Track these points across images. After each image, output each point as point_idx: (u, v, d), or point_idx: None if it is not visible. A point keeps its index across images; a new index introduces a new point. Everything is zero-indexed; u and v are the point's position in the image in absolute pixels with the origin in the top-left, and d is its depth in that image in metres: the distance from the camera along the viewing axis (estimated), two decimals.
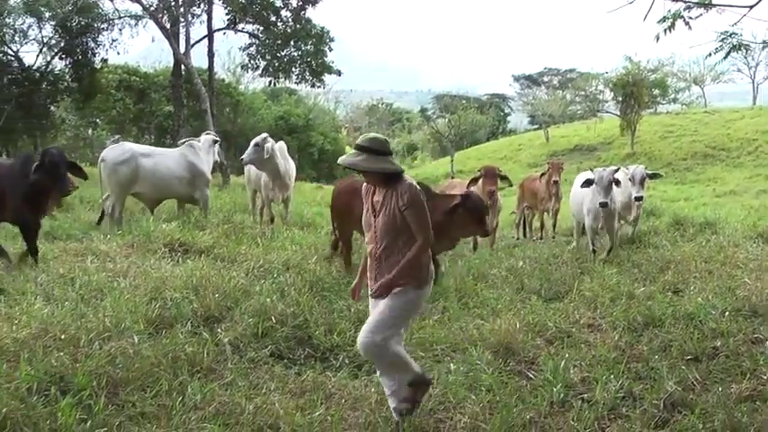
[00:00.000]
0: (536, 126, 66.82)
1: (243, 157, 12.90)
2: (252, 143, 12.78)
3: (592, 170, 11.20)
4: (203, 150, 13.77)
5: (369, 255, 5.26)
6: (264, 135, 12.91)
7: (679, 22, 6.77)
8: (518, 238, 16.25)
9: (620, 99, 46.83)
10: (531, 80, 71.63)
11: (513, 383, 5.93)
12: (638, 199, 11.57)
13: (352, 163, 5.03)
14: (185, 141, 14.24)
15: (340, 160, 5.28)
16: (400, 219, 4.99)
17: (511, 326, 7.05)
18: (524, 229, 16.63)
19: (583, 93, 58.87)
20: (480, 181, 11.61)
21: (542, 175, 15.20)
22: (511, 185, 12.59)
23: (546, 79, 71.88)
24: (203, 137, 14.25)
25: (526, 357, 6.65)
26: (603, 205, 10.73)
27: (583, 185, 11.27)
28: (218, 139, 14.52)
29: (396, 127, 76.85)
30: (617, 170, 11.01)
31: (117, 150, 12.92)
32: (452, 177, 35.53)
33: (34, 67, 32.34)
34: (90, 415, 4.97)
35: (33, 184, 9.11)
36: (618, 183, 10.99)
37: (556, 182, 14.41)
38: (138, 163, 12.65)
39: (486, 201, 11.45)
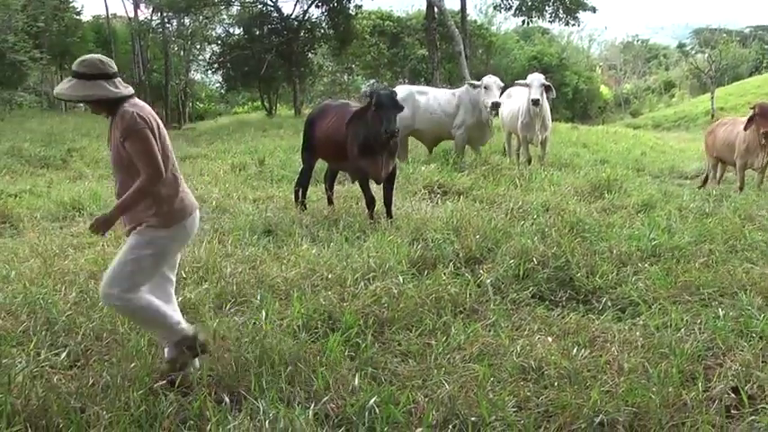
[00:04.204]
0: None
1: (533, 97, 12.97)
2: (540, 80, 13.18)
3: None
4: (479, 92, 13.71)
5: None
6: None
7: None
8: None
9: None
10: None
11: None
12: None
13: (58, 93, 4.42)
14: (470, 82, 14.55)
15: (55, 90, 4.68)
16: (124, 152, 4.35)
17: None
18: None
19: None
20: (754, 120, 10.81)
21: None
22: None
23: None
24: (484, 80, 14.07)
25: None
26: None
27: None
28: (501, 84, 14.29)
29: (652, 64, 73.88)
30: None
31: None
32: (712, 116, 33.81)
33: (292, 17, 33.80)
34: (357, 352, 5.08)
35: (369, 129, 8.57)
36: None
37: None
38: (415, 100, 13.00)
39: (760, 141, 10.72)
